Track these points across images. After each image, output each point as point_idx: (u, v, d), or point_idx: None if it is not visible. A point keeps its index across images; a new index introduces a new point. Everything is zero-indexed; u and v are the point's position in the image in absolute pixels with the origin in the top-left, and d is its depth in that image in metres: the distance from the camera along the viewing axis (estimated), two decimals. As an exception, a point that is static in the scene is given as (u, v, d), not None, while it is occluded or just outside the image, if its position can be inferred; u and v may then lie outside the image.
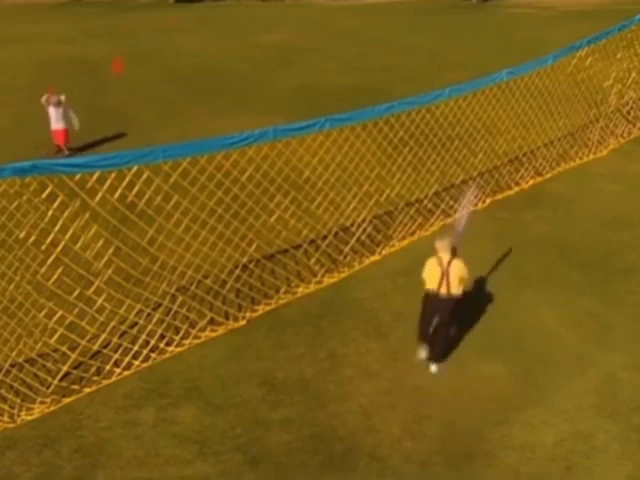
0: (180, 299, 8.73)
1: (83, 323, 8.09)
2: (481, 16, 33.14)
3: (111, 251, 8.55)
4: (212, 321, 8.70)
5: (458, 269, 7.41)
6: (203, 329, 8.57)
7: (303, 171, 10.67)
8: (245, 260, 9.73)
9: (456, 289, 7.43)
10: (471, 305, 8.56)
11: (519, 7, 35.37)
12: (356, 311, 8.96)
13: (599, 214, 11.38)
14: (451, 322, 7.76)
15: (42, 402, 7.46)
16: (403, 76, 20.39)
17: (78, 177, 7.20)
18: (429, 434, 6.90)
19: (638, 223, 11.01)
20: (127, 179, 7.79)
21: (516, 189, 12.26)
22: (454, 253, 7.52)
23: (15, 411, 7.31)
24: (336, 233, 10.50)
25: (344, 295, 9.34)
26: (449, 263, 7.40)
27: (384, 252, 10.31)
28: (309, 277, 9.67)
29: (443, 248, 7.48)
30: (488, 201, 11.76)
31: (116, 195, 7.86)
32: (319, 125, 8.52)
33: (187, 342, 8.40)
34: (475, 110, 12.54)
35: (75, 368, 7.88)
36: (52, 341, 7.90)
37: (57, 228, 7.66)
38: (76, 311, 8.14)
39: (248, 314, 8.92)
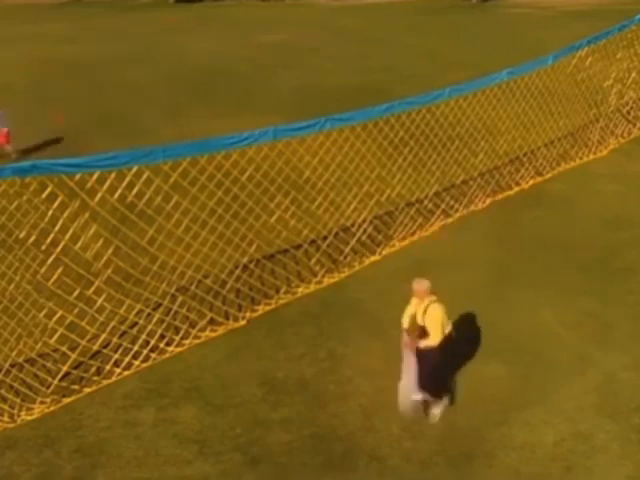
0: (180, 299, 8.73)
1: (83, 323, 8.10)
2: (481, 16, 33.06)
3: (110, 251, 8.56)
4: (212, 321, 8.70)
5: (432, 318, 6.56)
6: (203, 329, 8.57)
7: (303, 171, 10.66)
8: (245, 260, 9.72)
9: (432, 340, 6.62)
10: (471, 305, 8.57)
11: (519, 7, 35.28)
12: (356, 311, 8.96)
13: (599, 214, 11.37)
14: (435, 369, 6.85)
15: (42, 402, 7.46)
16: (403, 76, 20.33)
17: (78, 177, 7.21)
18: (429, 434, 6.91)
19: (638, 223, 11.00)
20: (127, 179, 7.79)
21: (516, 189, 12.25)
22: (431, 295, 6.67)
23: (15, 411, 7.32)
24: (336, 233, 10.49)
25: (344, 295, 9.34)
26: (425, 311, 6.61)
27: (384, 252, 10.31)
28: (309, 277, 9.66)
29: (420, 292, 6.67)
30: (488, 201, 11.76)
31: (116, 195, 7.86)
32: (319, 125, 8.52)
33: (187, 342, 8.40)
34: (475, 110, 12.53)
35: (75, 368, 7.88)
36: (52, 341, 7.90)
37: (57, 228, 7.67)
38: (76, 311, 8.13)
39: (248, 314, 8.92)
